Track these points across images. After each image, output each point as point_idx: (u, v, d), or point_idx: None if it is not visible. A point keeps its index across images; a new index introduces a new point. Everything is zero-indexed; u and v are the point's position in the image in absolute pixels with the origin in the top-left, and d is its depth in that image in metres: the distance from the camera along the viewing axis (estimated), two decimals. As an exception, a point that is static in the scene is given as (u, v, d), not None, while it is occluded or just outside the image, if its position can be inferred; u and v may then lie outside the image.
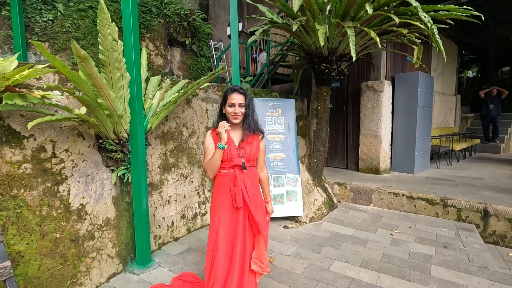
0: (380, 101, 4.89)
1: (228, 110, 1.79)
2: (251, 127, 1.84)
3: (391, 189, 4.06)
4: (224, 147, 1.69)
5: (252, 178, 1.88)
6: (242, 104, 1.79)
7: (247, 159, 1.83)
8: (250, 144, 1.84)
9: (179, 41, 6.06)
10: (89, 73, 1.81)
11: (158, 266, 2.60)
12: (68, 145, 2.22)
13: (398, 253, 2.77)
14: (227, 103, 1.78)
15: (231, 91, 1.79)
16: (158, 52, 5.69)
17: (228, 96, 1.79)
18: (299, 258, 2.71)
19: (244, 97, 1.80)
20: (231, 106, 1.78)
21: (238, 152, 1.81)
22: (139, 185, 2.52)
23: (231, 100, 1.77)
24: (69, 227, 2.15)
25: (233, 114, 1.78)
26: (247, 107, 1.81)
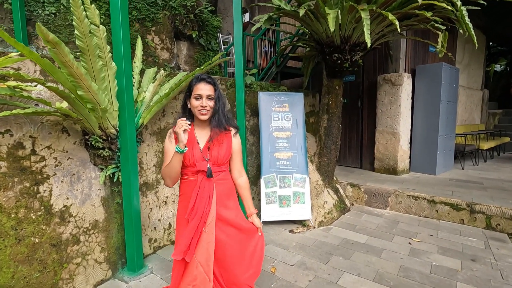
0: (399, 95, 4.49)
1: (193, 103, 1.49)
2: (221, 124, 1.54)
3: (410, 192, 3.69)
4: (183, 150, 1.40)
5: (224, 186, 1.59)
6: (211, 96, 1.49)
7: (214, 163, 1.54)
8: (219, 144, 1.55)
9: (186, 34, 5.85)
10: (62, 60, 1.61)
11: (150, 273, 2.40)
12: (51, 141, 2.04)
13: (417, 266, 2.45)
14: (193, 94, 1.49)
15: (197, 80, 1.49)
16: (164, 46, 5.52)
17: (193, 86, 1.49)
18: (304, 268, 2.44)
19: (213, 88, 1.50)
20: (197, 99, 1.48)
21: (203, 155, 1.52)
22: (130, 185, 2.32)
23: (197, 90, 1.47)
24: (50, 230, 1.98)
25: (200, 108, 1.48)
26: (216, 100, 1.51)
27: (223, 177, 1.60)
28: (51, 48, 1.53)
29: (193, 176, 1.52)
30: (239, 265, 1.60)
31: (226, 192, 1.60)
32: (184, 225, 1.52)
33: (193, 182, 1.51)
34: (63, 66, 1.65)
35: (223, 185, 1.58)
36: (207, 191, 1.49)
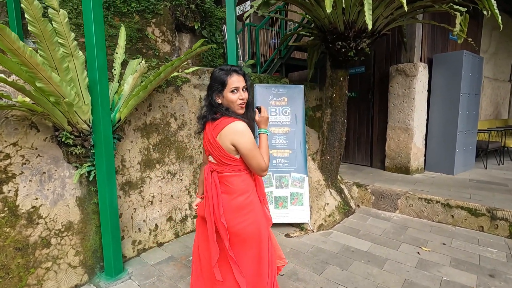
0: (413, 87, 4.10)
1: (231, 97, 1.35)
2: (252, 115, 1.48)
3: (422, 194, 3.34)
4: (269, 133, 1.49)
5: None
6: (245, 87, 1.40)
7: None
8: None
9: (188, 26, 5.66)
10: (10, 48, 1.44)
11: (128, 279, 2.25)
12: (17, 138, 1.90)
13: (425, 281, 2.15)
14: (228, 88, 1.35)
15: (229, 73, 1.35)
16: (164, 39, 5.35)
17: (227, 80, 1.34)
18: (295, 279, 2.20)
19: (244, 78, 1.39)
20: (234, 92, 1.35)
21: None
22: (106, 184, 2.16)
23: (233, 83, 1.35)
24: (15, 233, 1.85)
25: (240, 102, 1.37)
26: (248, 90, 1.43)
27: None
28: (-7, 33, 1.35)
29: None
30: None
31: None
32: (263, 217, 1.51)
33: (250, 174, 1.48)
34: (12, 54, 1.48)
35: None
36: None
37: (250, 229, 1.41)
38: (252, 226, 1.41)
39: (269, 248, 1.49)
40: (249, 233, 1.41)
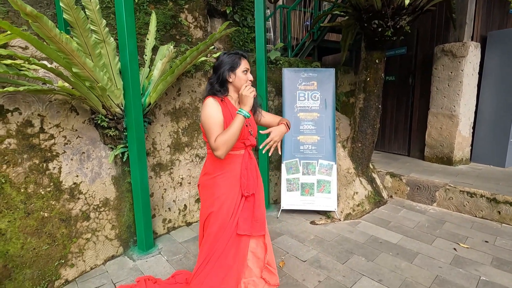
0: (461, 69, 3.70)
1: (243, 77, 1.46)
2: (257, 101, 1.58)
3: (464, 187, 3.07)
4: (249, 115, 1.37)
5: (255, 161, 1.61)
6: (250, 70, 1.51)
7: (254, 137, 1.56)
8: (253, 121, 1.59)
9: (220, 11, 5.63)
10: (48, 35, 1.54)
11: (158, 254, 2.40)
12: (59, 120, 2.08)
13: (459, 279, 2.00)
14: (241, 68, 1.45)
15: (242, 56, 1.48)
16: (197, 24, 5.39)
17: (240, 61, 1.46)
18: (317, 266, 2.18)
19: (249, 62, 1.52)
20: (245, 72, 1.47)
21: (249, 130, 1.51)
22: (137, 165, 2.29)
23: (245, 65, 1.48)
24: (60, 206, 2.06)
25: (248, 83, 1.46)
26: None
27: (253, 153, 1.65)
28: (32, 22, 1.46)
29: (239, 151, 1.49)
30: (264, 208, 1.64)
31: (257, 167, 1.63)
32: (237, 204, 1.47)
33: (239, 157, 1.49)
34: (50, 41, 1.59)
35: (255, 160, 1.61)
36: (254, 165, 1.53)
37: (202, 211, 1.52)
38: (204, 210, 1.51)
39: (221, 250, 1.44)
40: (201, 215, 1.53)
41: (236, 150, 1.47)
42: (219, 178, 1.48)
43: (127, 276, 2.11)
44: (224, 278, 1.44)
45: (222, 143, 1.32)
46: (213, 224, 1.47)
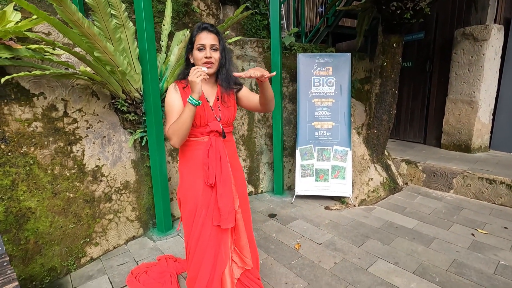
0: (482, 53, 3.57)
1: (196, 55, 1.30)
2: (230, 79, 1.37)
3: (483, 174, 3.01)
4: (199, 103, 1.21)
5: (231, 147, 1.46)
6: (216, 46, 1.30)
7: (224, 123, 1.38)
8: (227, 103, 1.39)
9: (232, -2, 5.59)
10: (71, 19, 1.58)
11: (177, 235, 2.48)
12: (81, 104, 2.14)
13: (477, 263, 1.99)
14: (195, 45, 1.30)
15: (198, 30, 1.30)
16: (209, 12, 5.37)
17: (195, 37, 1.30)
18: (333, 249, 2.21)
19: (217, 37, 1.31)
20: (200, 50, 1.29)
21: (215, 115, 1.36)
22: (156, 150, 2.35)
23: (199, 40, 1.28)
24: (84, 187, 2.14)
25: (204, 61, 1.28)
26: (222, 51, 1.32)
27: (230, 138, 1.48)
28: (57, 5, 1.50)
29: (203, 137, 1.37)
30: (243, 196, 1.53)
31: (233, 152, 1.49)
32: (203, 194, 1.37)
33: (203, 144, 1.36)
34: (73, 25, 1.63)
35: (231, 147, 1.47)
36: (218, 150, 1.34)
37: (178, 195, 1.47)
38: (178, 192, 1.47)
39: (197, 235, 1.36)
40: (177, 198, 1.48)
41: (198, 137, 1.36)
42: (182, 165, 1.43)
43: (148, 255, 2.19)
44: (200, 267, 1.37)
45: (172, 132, 1.24)
46: (183, 211, 1.45)
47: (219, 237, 1.38)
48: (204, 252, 1.36)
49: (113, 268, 2.05)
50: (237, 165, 1.51)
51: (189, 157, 1.39)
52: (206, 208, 1.35)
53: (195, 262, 1.37)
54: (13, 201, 1.81)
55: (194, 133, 1.35)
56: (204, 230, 1.35)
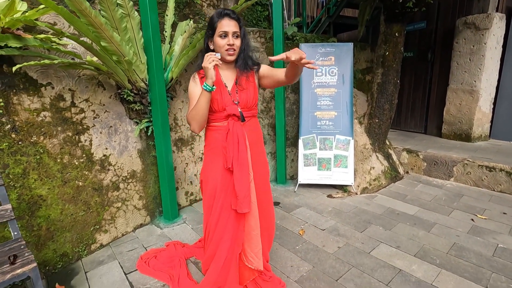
0: (483, 42, 3.58)
1: (219, 42, 1.34)
2: (247, 65, 1.40)
3: (483, 161, 3.05)
4: (212, 88, 1.26)
5: (254, 133, 1.48)
6: (237, 33, 1.34)
7: (244, 107, 1.42)
8: (246, 86, 1.42)
9: (233, -12, 5.55)
10: (79, 9, 1.60)
11: (183, 223, 2.53)
12: (88, 94, 2.17)
13: (476, 246, 2.05)
14: (217, 32, 1.33)
15: (219, 16, 1.32)
16: (210, 3, 5.33)
17: (216, 23, 1.33)
18: (336, 234, 2.27)
19: (238, 24, 1.34)
20: (223, 37, 1.33)
21: (232, 99, 1.40)
22: (161, 140, 2.39)
23: (222, 27, 1.31)
24: (92, 176, 2.18)
25: (227, 48, 1.33)
26: (242, 37, 1.36)
27: (254, 123, 1.50)
28: (65, -6, 1.52)
29: (222, 122, 1.41)
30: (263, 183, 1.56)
31: (256, 139, 1.52)
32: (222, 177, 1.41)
33: (223, 129, 1.40)
34: (81, 14, 1.65)
35: (254, 131, 1.50)
36: (236, 134, 1.36)
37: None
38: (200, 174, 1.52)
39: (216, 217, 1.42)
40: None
41: (218, 121, 1.41)
42: (206, 150, 1.49)
43: (156, 242, 2.25)
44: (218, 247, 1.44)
45: (191, 118, 1.32)
46: (204, 193, 1.51)
47: (237, 221, 1.43)
48: (222, 234, 1.42)
49: (123, 253, 2.11)
50: (260, 153, 1.53)
51: (210, 141, 1.45)
52: (225, 192, 1.41)
53: (214, 243, 1.43)
54: (25, 189, 1.85)
55: (214, 118, 1.40)
56: (223, 213, 1.41)
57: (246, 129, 1.42)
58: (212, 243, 1.45)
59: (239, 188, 1.36)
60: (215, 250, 1.44)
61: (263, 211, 1.52)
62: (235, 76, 1.42)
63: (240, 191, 1.36)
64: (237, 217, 1.43)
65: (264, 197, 1.53)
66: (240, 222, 1.44)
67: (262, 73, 1.47)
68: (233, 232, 1.43)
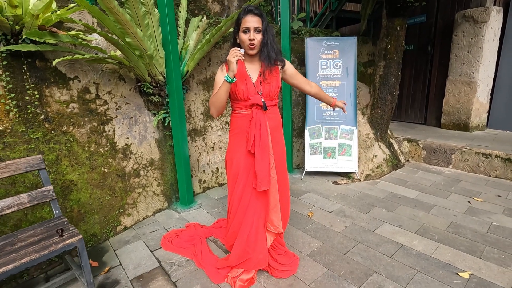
0: (481, 35, 3.72)
1: (242, 37, 1.49)
2: (271, 57, 1.54)
3: (480, 149, 3.22)
4: (232, 80, 1.42)
5: (274, 120, 1.65)
6: (259, 28, 1.48)
7: (266, 97, 1.58)
8: (269, 78, 1.57)
9: (237, -17, 5.66)
10: (108, 7, 1.74)
11: (199, 208, 2.71)
12: (111, 87, 2.32)
13: (472, 225, 2.23)
14: (241, 28, 1.49)
15: (244, 13, 1.47)
16: (214, -2, 5.47)
17: (241, 19, 1.48)
18: (342, 216, 2.45)
19: (260, 19, 1.48)
20: (245, 32, 1.48)
21: (257, 90, 1.56)
22: (178, 130, 2.54)
23: (245, 23, 1.46)
24: (116, 163, 2.35)
25: (248, 43, 1.48)
26: (264, 32, 1.50)
27: (274, 111, 1.67)
28: (97, -6, 1.66)
29: (246, 110, 1.58)
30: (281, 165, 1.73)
31: (276, 125, 1.68)
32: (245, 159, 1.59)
33: (247, 116, 1.57)
34: (109, 12, 1.79)
35: (274, 119, 1.66)
36: (259, 121, 1.53)
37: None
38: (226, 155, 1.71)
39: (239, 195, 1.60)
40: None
41: (243, 109, 1.58)
42: (231, 134, 1.67)
43: (176, 224, 2.42)
44: (241, 223, 1.62)
45: (211, 103, 1.50)
46: (228, 173, 1.69)
47: (259, 199, 1.61)
48: (245, 211, 1.59)
49: (146, 234, 2.28)
50: (279, 138, 1.70)
51: (235, 126, 1.63)
52: (247, 172, 1.59)
53: (237, 220, 1.61)
54: (58, 174, 2.02)
55: (240, 106, 1.58)
56: (245, 192, 1.59)
57: (268, 116, 1.59)
58: (236, 219, 1.62)
59: (259, 169, 1.53)
60: (239, 225, 1.61)
61: (281, 186, 1.71)
62: (260, 68, 1.58)
63: (260, 171, 1.53)
64: (259, 195, 1.60)
65: (282, 175, 1.72)
66: (262, 199, 1.61)
67: (287, 72, 1.66)
68: (256, 209, 1.60)
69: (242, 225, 1.60)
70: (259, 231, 1.61)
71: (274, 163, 1.60)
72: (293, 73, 1.69)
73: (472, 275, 1.69)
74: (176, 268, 1.86)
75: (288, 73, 1.68)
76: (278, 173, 1.65)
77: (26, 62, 1.88)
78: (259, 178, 1.54)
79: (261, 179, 1.54)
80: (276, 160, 1.63)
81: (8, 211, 1.53)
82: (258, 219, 1.61)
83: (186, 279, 1.75)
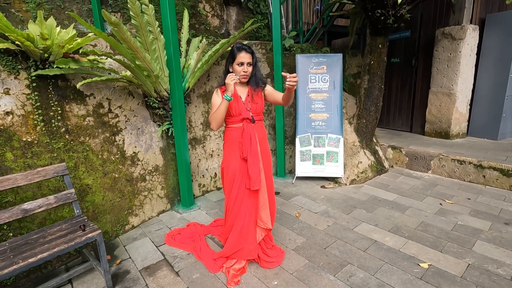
0: (459, 51, 4.05)
1: (237, 69, 1.84)
2: (258, 84, 1.93)
3: (456, 156, 3.53)
4: (230, 98, 1.74)
5: (261, 131, 1.98)
6: (250, 63, 1.85)
7: (254, 112, 1.91)
8: (256, 98, 1.93)
9: (235, -1, 6.02)
10: (122, 37, 2.06)
11: (198, 209, 3.00)
12: (121, 102, 2.63)
13: (439, 224, 2.52)
14: (236, 61, 1.83)
15: (239, 50, 1.82)
16: (214, 13, 5.79)
17: (236, 55, 1.82)
18: (326, 216, 2.74)
19: (251, 56, 1.85)
20: (240, 65, 1.83)
21: (246, 107, 1.89)
22: (180, 139, 2.85)
23: (240, 59, 1.82)
24: (125, 169, 2.65)
25: (242, 74, 1.84)
26: (254, 65, 1.87)
27: (260, 125, 2.01)
28: (114, 28, 1.98)
29: (238, 124, 1.91)
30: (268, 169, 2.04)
31: (263, 136, 2.02)
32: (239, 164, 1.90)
33: (238, 129, 1.91)
34: (123, 41, 2.11)
35: (261, 131, 2.00)
36: (249, 132, 1.86)
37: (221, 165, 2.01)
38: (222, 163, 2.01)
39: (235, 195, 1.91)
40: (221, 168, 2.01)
41: (235, 123, 1.90)
42: (225, 145, 1.99)
43: (178, 223, 2.72)
44: (236, 218, 1.94)
45: (212, 119, 1.81)
46: (225, 178, 1.99)
47: (251, 198, 1.95)
48: (239, 208, 1.92)
49: (152, 232, 2.58)
50: (265, 146, 2.03)
51: (229, 138, 1.96)
52: (242, 175, 1.91)
53: (232, 215, 1.94)
54: (76, 179, 2.32)
55: (232, 121, 1.90)
56: (240, 192, 1.91)
57: (256, 129, 1.92)
58: (231, 216, 1.94)
59: (251, 171, 1.86)
60: (234, 220, 1.93)
61: (268, 187, 2.01)
62: (247, 91, 1.93)
63: (252, 174, 1.85)
64: (251, 194, 1.93)
65: (269, 178, 2.03)
66: (254, 198, 1.94)
67: (267, 91, 1.99)
68: (248, 206, 1.93)
69: (237, 220, 1.92)
70: (250, 225, 1.93)
71: (263, 167, 1.92)
72: (270, 91, 2.00)
73: (431, 265, 1.98)
74: (178, 260, 2.15)
75: (269, 91, 1.99)
76: (266, 176, 1.97)
77: (51, 83, 2.19)
78: (252, 179, 1.86)
79: (254, 180, 1.86)
80: (264, 165, 1.94)
81: (38, 210, 1.83)
82: (250, 215, 1.93)
83: (187, 269, 2.05)
